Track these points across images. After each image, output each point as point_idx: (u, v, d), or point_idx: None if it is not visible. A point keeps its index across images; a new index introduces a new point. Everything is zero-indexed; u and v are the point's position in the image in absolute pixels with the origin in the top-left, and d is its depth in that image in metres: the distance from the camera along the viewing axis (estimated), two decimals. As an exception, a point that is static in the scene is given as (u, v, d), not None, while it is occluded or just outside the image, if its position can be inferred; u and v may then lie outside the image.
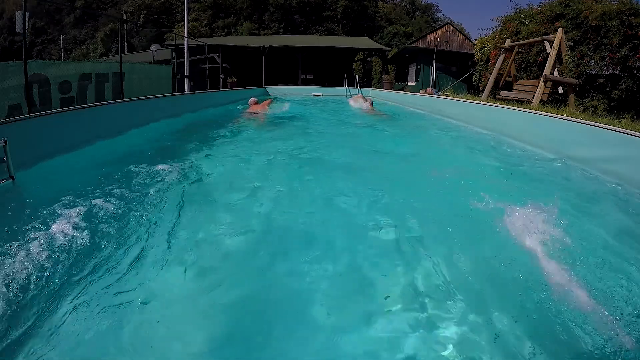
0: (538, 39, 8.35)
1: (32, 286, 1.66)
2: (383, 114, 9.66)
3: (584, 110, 8.21)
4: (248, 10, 34.42)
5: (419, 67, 18.94)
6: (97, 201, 2.60)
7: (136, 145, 4.87)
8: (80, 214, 2.35)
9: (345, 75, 17.75)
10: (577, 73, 8.97)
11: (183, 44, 11.87)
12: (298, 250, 2.23)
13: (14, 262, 1.78)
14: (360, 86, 17.47)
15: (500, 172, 4.01)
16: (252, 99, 9.28)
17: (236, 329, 1.59)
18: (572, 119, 4.48)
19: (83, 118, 4.65)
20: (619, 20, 8.41)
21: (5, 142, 2.83)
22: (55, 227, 2.13)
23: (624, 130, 3.57)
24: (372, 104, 10.46)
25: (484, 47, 12.53)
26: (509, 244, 2.18)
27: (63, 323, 1.51)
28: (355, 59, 23.84)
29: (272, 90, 16.49)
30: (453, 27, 19.88)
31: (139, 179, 3.24)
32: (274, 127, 7.20)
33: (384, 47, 21.46)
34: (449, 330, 1.55)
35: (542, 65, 8.88)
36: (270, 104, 9.97)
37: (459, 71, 17.91)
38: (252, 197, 3.05)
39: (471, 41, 18.62)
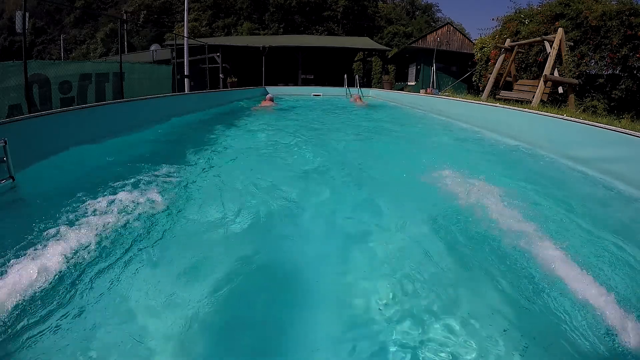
0: (538, 39, 8.35)
1: (31, 286, 1.66)
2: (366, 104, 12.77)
3: (584, 110, 8.21)
4: (248, 10, 34.41)
5: (419, 67, 18.93)
6: (99, 200, 2.60)
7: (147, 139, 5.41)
8: (81, 214, 2.35)
9: (345, 75, 17.75)
10: (577, 73, 8.97)
11: (183, 44, 11.87)
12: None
13: (13, 262, 1.78)
14: (360, 86, 17.47)
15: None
16: (268, 95, 12.03)
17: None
18: (572, 119, 4.47)
19: (95, 116, 4.82)
20: (619, 20, 8.40)
21: (5, 142, 2.83)
22: (55, 227, 2.13)
23: (624, 130, 3.57)
24: (361, 98, 13.90)
25: (484, 47, 12.53)
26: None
27: (62, 323, 1.51)
28: (355, 59, 23.83)
29: (272, 90, 16.46)
30: (453, 27, 19.86)
31: (144, 176, 3.21)
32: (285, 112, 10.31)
33: (384, 47, 21.44)
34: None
35: (542, 65, 8.89)
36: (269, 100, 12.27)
37: (459, 71, 17.90)
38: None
39: (471, 41, 18.60)
